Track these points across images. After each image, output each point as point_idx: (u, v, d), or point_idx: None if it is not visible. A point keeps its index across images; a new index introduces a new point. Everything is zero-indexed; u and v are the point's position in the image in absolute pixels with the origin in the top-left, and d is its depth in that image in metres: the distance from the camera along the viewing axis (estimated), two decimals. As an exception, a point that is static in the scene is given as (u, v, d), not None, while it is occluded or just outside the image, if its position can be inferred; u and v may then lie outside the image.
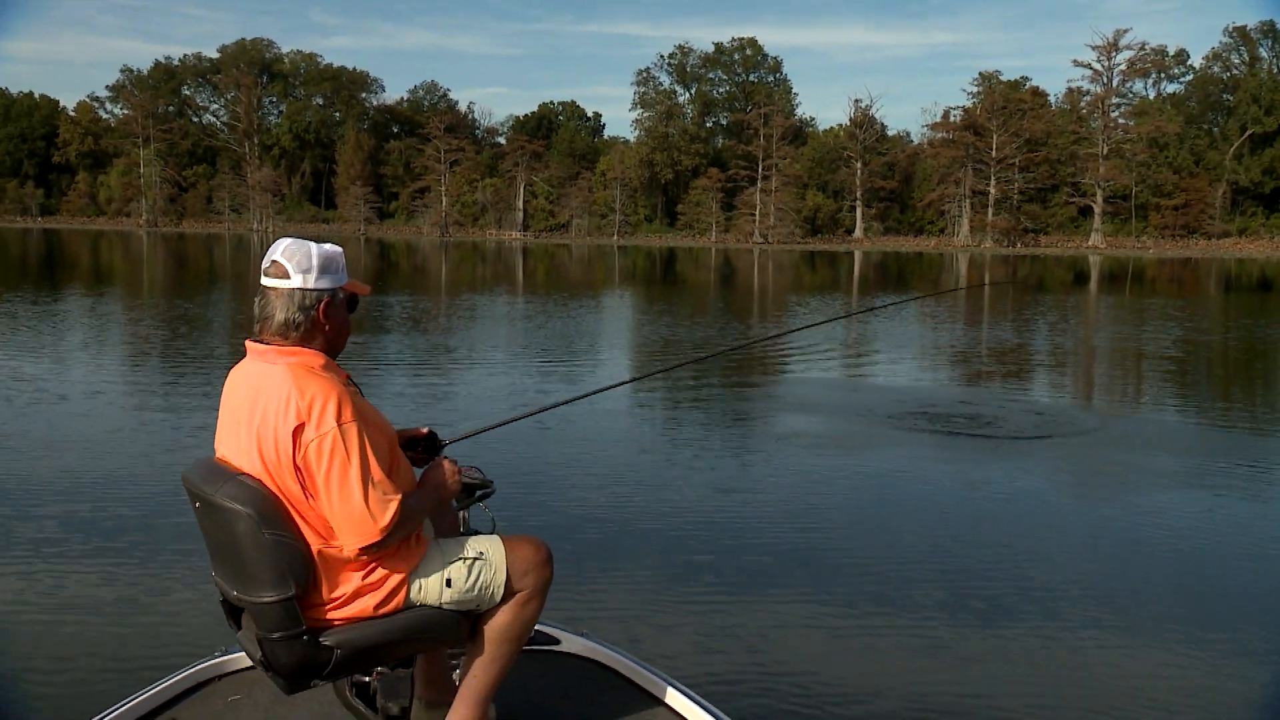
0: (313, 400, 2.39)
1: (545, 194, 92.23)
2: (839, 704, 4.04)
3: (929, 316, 22.88)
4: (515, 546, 2.68)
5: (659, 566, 5.49)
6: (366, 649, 2.51)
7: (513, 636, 2.66)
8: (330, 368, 2.54)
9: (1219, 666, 4.36)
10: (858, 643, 4.59)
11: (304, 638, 2.42)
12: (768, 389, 11.85)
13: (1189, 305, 27.92)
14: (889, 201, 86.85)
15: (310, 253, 2.55)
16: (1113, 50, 78.32)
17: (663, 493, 7.03)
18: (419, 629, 2.56)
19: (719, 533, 6.10)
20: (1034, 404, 11.40)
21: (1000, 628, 4.74)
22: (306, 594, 2.45)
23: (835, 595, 5.11)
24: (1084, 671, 4.30)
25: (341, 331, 2.61)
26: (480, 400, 10.77)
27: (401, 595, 2.54)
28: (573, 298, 27.58)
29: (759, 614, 4.89)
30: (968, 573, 5.46)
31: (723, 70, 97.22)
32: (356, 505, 2.39)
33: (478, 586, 2.61)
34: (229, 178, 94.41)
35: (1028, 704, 4.02)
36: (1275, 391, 13.43)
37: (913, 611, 4.90)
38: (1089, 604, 5.02)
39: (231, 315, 20.84)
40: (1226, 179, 78.74)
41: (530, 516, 6.13)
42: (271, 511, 2.39)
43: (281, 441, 2.39)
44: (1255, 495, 7.39)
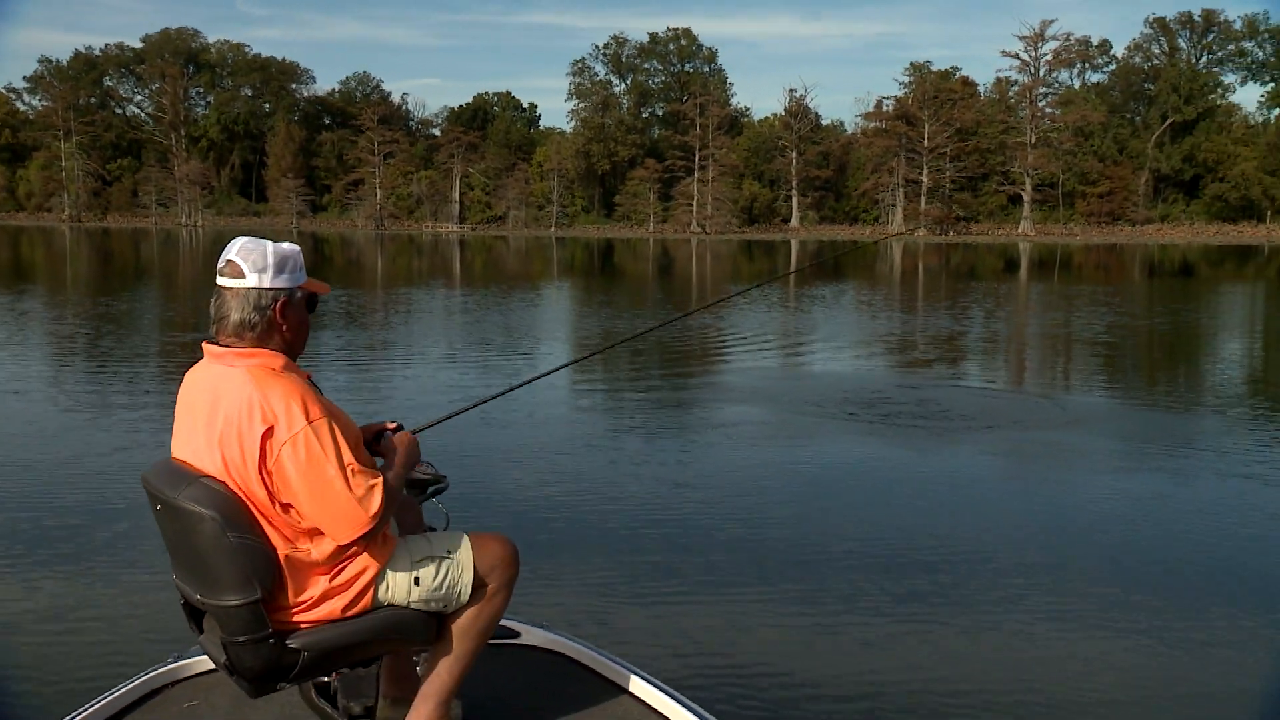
0: (278, 402, 2.36)
1: (481, 186, 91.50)
2: (794, 688, 4.09)
3: (865, 305, 23.17)
4: (482, 544, 2.67)
5: (609, 560, 5.49)
6: (334, 650, 2.47)
7: (478, 633, 2.64)
8: (290, 368, 2.49)
9: (1155, 643, 4.48)
10: (809, 629, 4.63)
11: (270, 640, 2.38)
12: (709, 379, 11.90)
13: (1117, 292, 28.64)
14: (824, 191, 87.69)
15: (266, 251, 2.50)
16: (1039, 41, 79.90)
17: (610, 488, 7.01)
18: (387, 629, 2.53)
19: (668, 526, 6.11)
20: (973, 391, 11.60)
21: (944, 612, 4.82)
22: (272, 597, 2.41)
23: (785, 584, 5.14)
24: (1027, 652, 4.39)
25: (300, 331, 2.56)
26: (422, 396, 10.66)
27: (369, 596, 2.51)
28: (512, 291, 27.42)
29: (712, 604, 4.92)
30: (910, 558, 5.54)
31: (658, 60, 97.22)
32: (343, 498, 2.37)
33: (445, 585, 2.59)
34: (155, 171, 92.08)
35: (975, 685, 4.09)
36: (1203, 374, 13.82)
37: (859, 598, 4.96)
38: (1031, 587, 5.13)
39: (159, 313, 20.35)
40: (1149, 167, 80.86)
41: (481, 513, 6.08)
42: (235, 514, 2.34)
43: (248, 446, 2.34)
44: (1185, 475, 7.59)
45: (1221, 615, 4.77)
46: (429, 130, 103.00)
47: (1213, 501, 6.81)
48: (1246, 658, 4.35)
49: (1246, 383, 12.92)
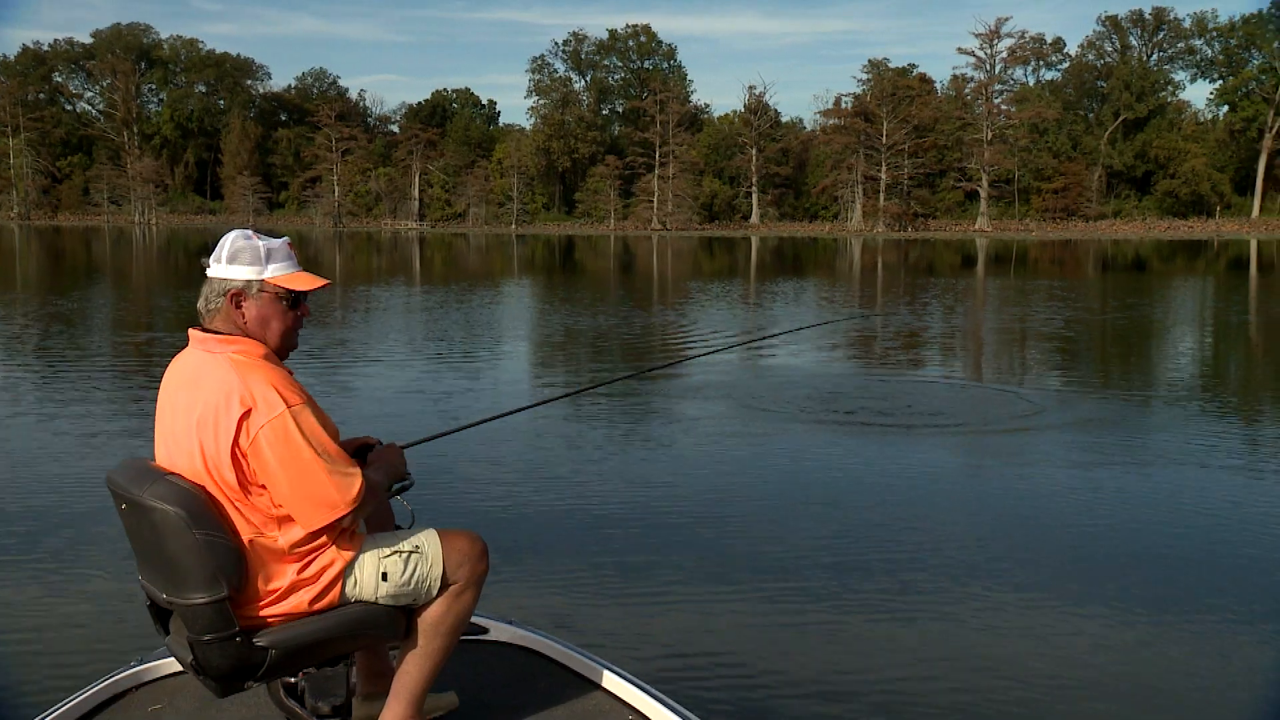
0: (257, 386, 2.38)
1: (441, 183, 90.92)
2: (762, 681, 4.09)
3: (827, 301, 23.30)
4: (451, 539, 2.66)
5: (575, 558, 5.47)
6: (301, 647, 2.46)
7: (447, 630, 2.62)
8: (272, 359, 2.52)
9: (1109, 629, 4.53)
10: (775, 624, 4.63)
11: (237, 639, 2.37)
12: (672, 376, 11.88)
13: (1072, 287, 29.04)
14: (784, 188, 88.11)
15: (226, 242, 2.55)
16: (995, 38, 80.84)
17: (575, 485, 6.98)
18: (355, 625, 2.52)
19: (633, 523, 6.10)
20: (935, 385, 11.70)
21: (911, 607, 4.85)
22: (240, 593, 2.40)
23: (752, 580, 5.15)
24: (993, 647, 4.43)
25: (264, 325, 2.54)
26: (383, 395, 10.55)
27: (337, 590, 2.51)
28: (473, 288, 27.26)
29: (679, 600, 4.91)
30: (875, 554, 5.57)
31: (618, 57, 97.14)
32: (320, 482, 2.39)
33: (413, 580, 2.57)
34: (107, 168, 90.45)
35: (942, 681, 4.12)
36: (1159, 367, 14.04)
37: (825, 594, 4.98)
38: (995, 582, 5.17)
39: (110, 312, 20.00)
40: (1102, 163, 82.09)
41: (445, 511, 6.01)
42: (201, 510, 2.34)
43: (223, 429, 2.36)
44: (1147, 467, 7.70)
45: (1187, 607, 4.84)
46: (387, 127, 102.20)
47: (1172, 492, 6.92)
48: (1211, 649, 4.42)
49: (1201, 375, 13.15)
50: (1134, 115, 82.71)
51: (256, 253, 2.54)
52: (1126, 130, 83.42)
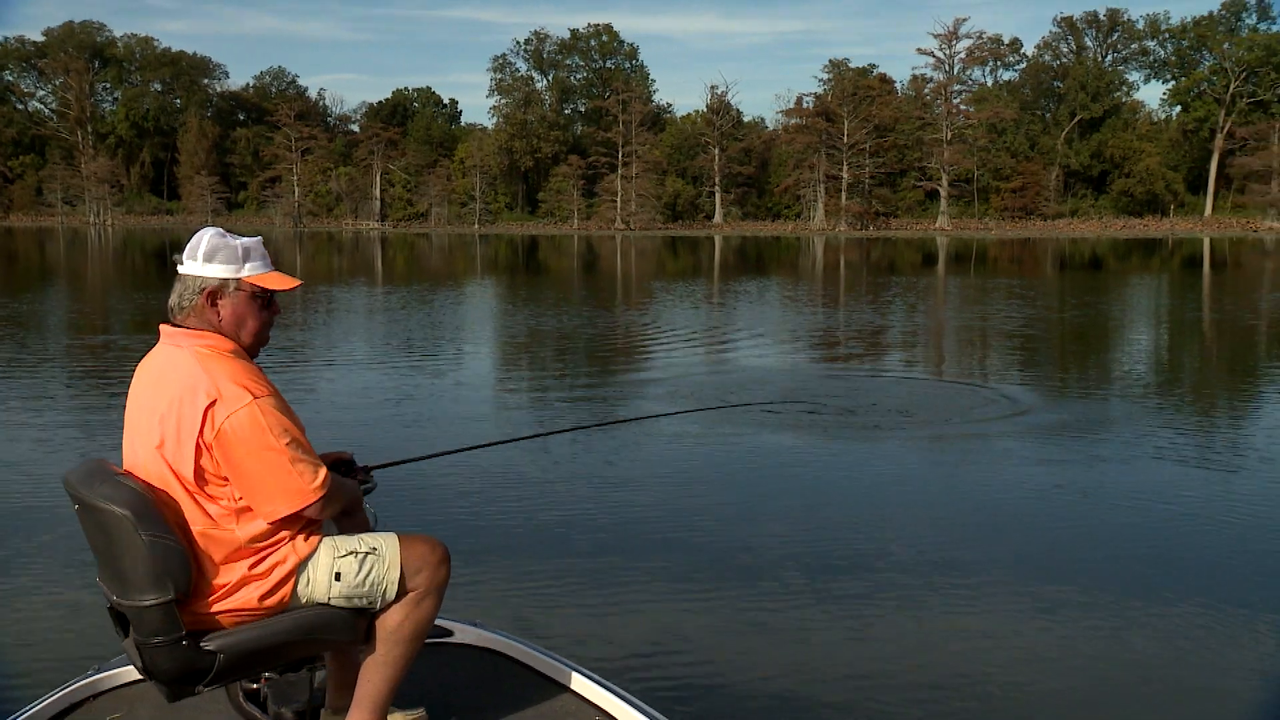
0: (223, 379, 2.40)
1: (402, 183, 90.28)
2: (728, 680, 4.11)
3: (790, 300, 23.42)
4: (410, 544, 2.63)
5: (540, 560, 5.45)
6: (252, 652, 2.43)
7: (407, 637, 2.59)
8: (240, 354, 2.53)
9: (1066, 627, 4.60)
10: (741, 624, 4.65)
11: (183, 642, 2.35)
12: (636, 376, 11.90)
13: (1032, 285, 29.39)
14: (747, 187, 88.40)
15: (202, 240, 2.56)
16: (953, 39, 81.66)
17: (539, 487, 6.96)
18: (307, 629, 2.48)
19: (597, 524, 6.09)
20: (899, 382, 11.79)
21: (876, 606, 4.88)
22: (188, 596, 2.39)
23: (716, 581, 5.16)
24: (956, 644, 4.47)
25: (240, 324, 2.57)
26: (343, 399, 10.46)
27: (288, 589, 2.48)
28: (435, 289, 27.10)
29: (644, 601, 4.92)
30: (840, 553, 5.60)
31: (580, 57, 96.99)
32: (287, 471, 2.40)
33: (368, 582, 2.54)
34: (60, 168, 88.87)
35: (907, 679, 4.15)
36: (1119, 364, 14.24)
37: (791, 594, 4.99)
38: (960, 580, 5.22)
39: (65, 314, 19.66)
40: (1059, 163, 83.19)
41: (408, 514, 5.97)
42: (149, 511, 2.33)
43: (187, 421, 2.37)
44: (1103, 462, 7.81)
45: (1151, 602, 4.91)
46: (348, 126, 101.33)
47: (1136, 487, 7.02)
48: (1176, 643, 4.49)
49: (1161, 372, 13.37)
50: (1090, 115, 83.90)
51: (234, 252, 2.56)
52: (1083, 130, 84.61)
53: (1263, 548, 5.73)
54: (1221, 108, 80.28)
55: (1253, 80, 78.98)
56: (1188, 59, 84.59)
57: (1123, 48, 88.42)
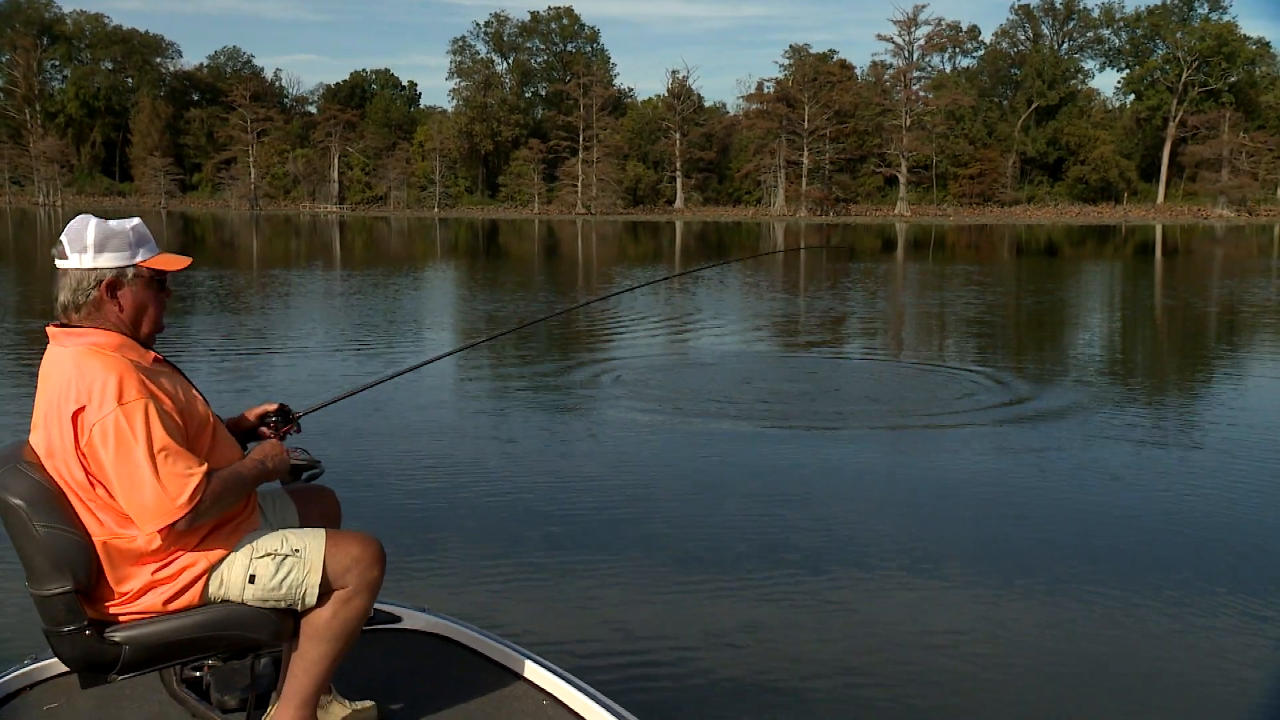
0: (94, 383, 2.31)
1: (361, 165, 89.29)
2: (679, 669, 4.11)
3: (751, 286, 23.48)
4: (339, 542, 2.55)
5: (493, 548, 5.41)
6: (161, 645, 2.40)
7: (333, 636, 2.53)
8: (127, 348, 2.43)
9: (1016, 609, 4.66)
10: (696, 610, 4.65)
11: (86, 632, 2.33)
12: (596, 366, 11.87)
13: (991, 271, 29.70)
14: (707, 172, 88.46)
15: (87, 230, 2.44)
16: (912, 25, 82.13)
17: (494, 476, 6.92)
18: (221, 625, 2.45)
19: (552, 514, 6.06)
20: (860, 371, 11.87)
21: (834, 595, 4.91)
22: (93, 587, 2.35)
23: (671, 571, 5.15)
24: (897, 619, 4.50)
25: (142, 311, 2.49)
26: (301, 385, 10.34)
27: (198, 591, 2.43)
28: (393, 273, 26.85)
29: (599, 589, 4.90)
30: (792, 537, 5.63)
31: (540, 40, 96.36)
32: (149, 486, 2.29)
33: (285, 584, 2.47)
34: (8, 147, 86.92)
35: (862, 670, 4.18)
36: (1077, 350, 14.43)
37: (747, 584, 5.00)
38: (902, 561, 5.27)
39: (9, 298, 19.24)
40: (1016, 149, 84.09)
41: (360, 501, 5.92)
42: (44, 502, 2.30)
43: (64, 426, 2.32)
44: (1060, 450, 7.91)
45: (1115, 593, 4.98)
46: (304, 108, 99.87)
47: (1098, 475, 7.12)
48: (1131, 633, 4.56)
49: (1118, 359, 13.56)
50: (1046, 103, 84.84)
51: (125, 238, 2.47)
52: (1039, 117, 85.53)
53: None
54: (1174, 96, 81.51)
55: (1204, 69, 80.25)
56: (1141, 48, 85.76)
57: (1078, 36, 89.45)
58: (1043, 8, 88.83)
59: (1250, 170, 76.18)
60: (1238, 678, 4.06)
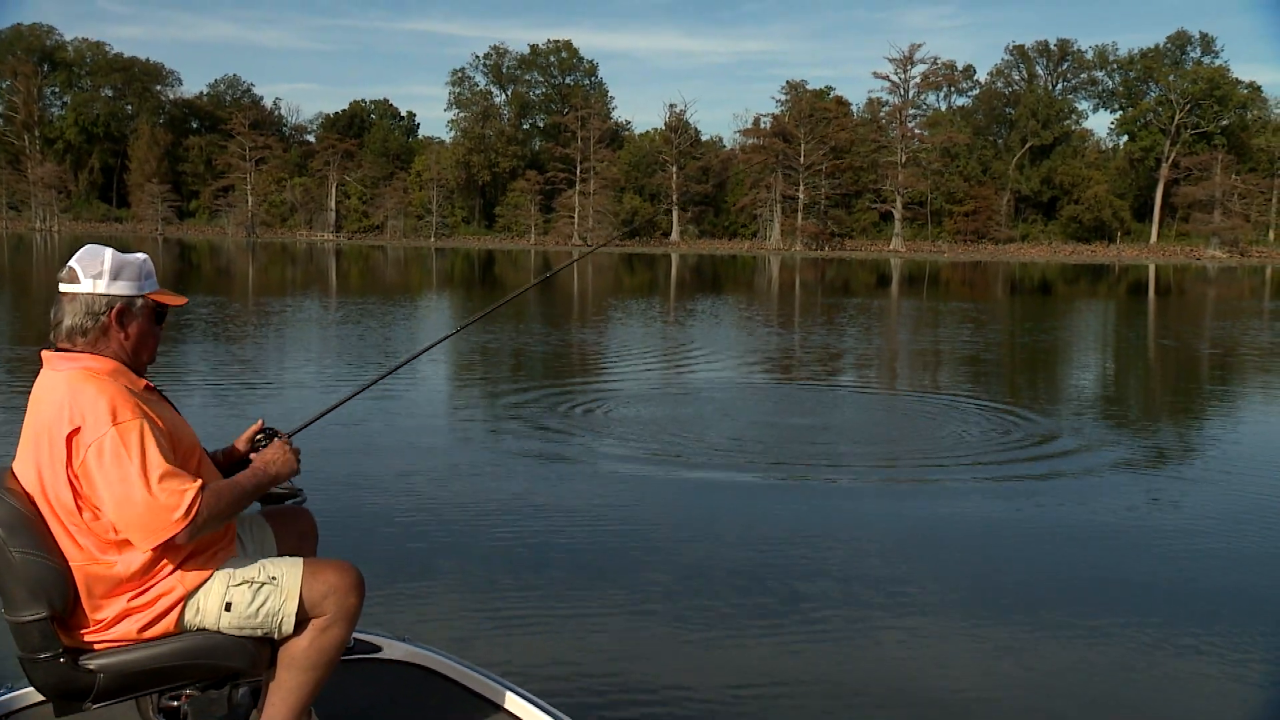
0: (88, 405, 2.33)
1: (358, 194, 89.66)
2: (661, 698, 4.07)
3: (745, 320, 23.51)
4: (317, 571, 2.53)
5: (474, 578, 5.36)
6: (136, 673, 2.38)
7: (311, 665, 2.51)
8: (120, 373, 2.45)
9: (1013, 643, 4.61)
10: (678, 644, 4.60)
11: (61, 659, 2.31)
12: (589, 394, 11.83)
13: (985, 309, 29.79)
14: (704, 205, 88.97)
15: (104, 258, 2.49)
16: (908, 63, 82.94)
17: (476, 503, 6.86)
18: (196, 654, 2.42)
19: (534, 541, 6.01)
20: (851, 406, 11.85)
21: (814, 626, 4.86)
22: (69, 614, 2.35)
23: (652, 602, 5.10)
24: (888, 652, 4.45)
25: (143, 341, 2.54)
26: (292, 415, 10.27)
27: (173, 618, 2.41)
28: (388, 303, 26.85)
29: (578, 617, 4.87)
30: (781, 571, 5.57)
31: (539, 72, 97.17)
32: (143, 501, 2.30)
33: (261, 613, 2.46)
34: (7, 173, 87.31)
35: (839, 687, 4.13)
36: (1071, 390, 14.43)
37: (730, 614, 4.95)
38: (893, 596, 5.22)
39: (8, 323, 19.18)
40: (1010, 188, 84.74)
41: (339, 529, 5.85)
42: (22, 527, 2.30)
43: (56, 448, 2.33)
44: (1044, 495, 7.87)
45: (1101, 629, 4.94)
46: (303, 136, 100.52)
47: (1089, 516, 7.08)
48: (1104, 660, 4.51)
49: (1109, 397, 13.55)
50: (1040, 142, 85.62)
51: (137, 269, 2.53)
52: (1033, 156, 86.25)
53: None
54: (1167, 138, 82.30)
55: (1196, 112, 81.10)
56: (1135, 90, 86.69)
57: (1072, 77, 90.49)
58: (1037, 49, 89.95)
59: (1242, 212, 76.81)
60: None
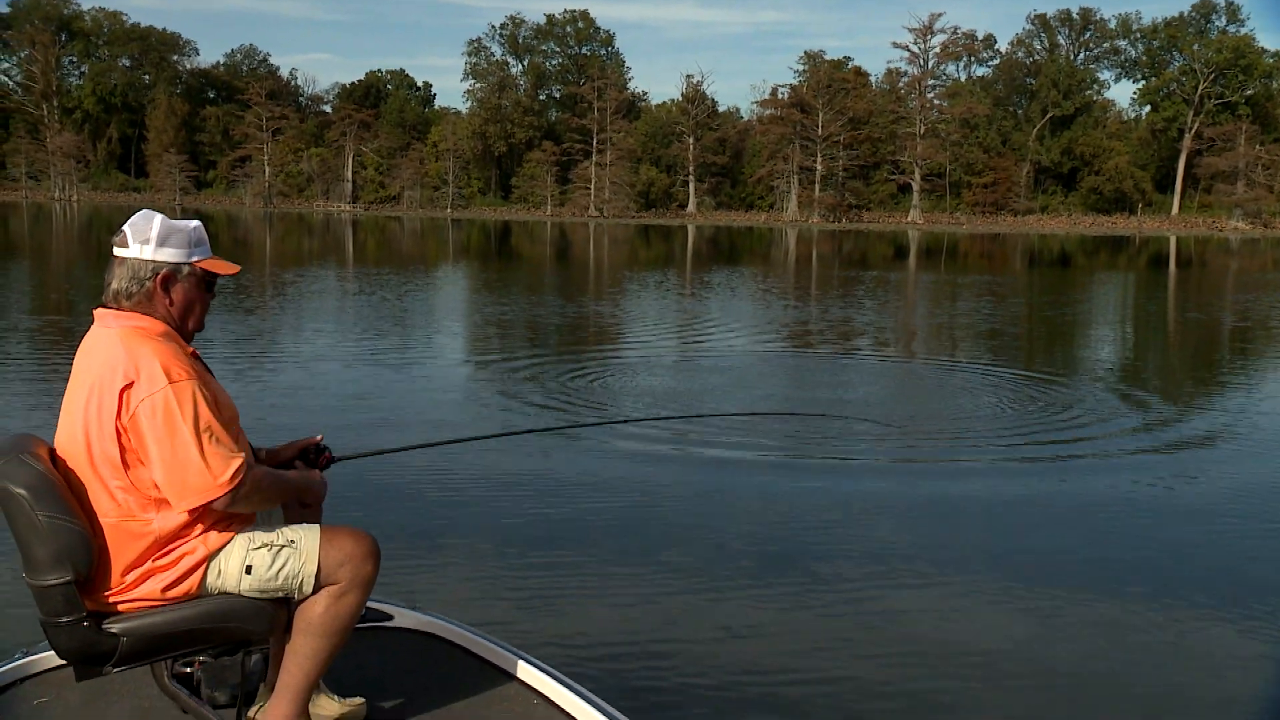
0: (143, 361, 2.37)
1: (375, 165, 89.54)
2: (672, 666, 4.11)
3: (763, 293, 23.45)
4: (333, 537, 2.57)
5: (491, 549, 5.41)
6: (158, 636, 2.42)
7: (328, 632, 2.55)
8: (170, 337, 2.50)
9: (1029, 617, 4.65)
10: (691, 613, 4.65)
11: (84, 623, 2.35)
12: (605, 370, 11.86)
13: (1004, 283, 29.58)
14: (720, 177, 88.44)
15: (153, 223, 2.54)
16: (928, 33, 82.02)
17: (489, 473, 6.87)
18: (217, 617, 2.46)
19: (547, 512, 6.06)
20: (862, 390, 11.84)
21: (824, 600, 4.90)
22: (92, 577, 2.38)
23: (664, 567, 5.16)
24: (903, 625, 4.49)
25: (190, 308, 2.59)
26: (304, 390, 10.36)
27: (196, 580, 2.46)
28: (404, 274, 26.91)
29: (590, 587, 4.93)
30: (795, 545, 5.61)
31: (555, 42, 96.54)
32: (194, 461, 2.35)
33: (282, 575, 2.50)
34: (25, 142, 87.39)
35: (848, 669, 4.18)
36: (1087, 361, 14.36)
37: (742, 583, 5.00)
38: (909, 569, 5.25)
39: (23, 290, 19.35)
40: (1030, 159, 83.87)
41: (356, 496, 5.91)
42: (48, 492, 2.33)
43: (106, 401, 2.36)
44: (1060, 471, 7.87)
45: (1102, 601, 4.96)
46: (320, 107, 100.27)
47: (1093, 491, 7.09)
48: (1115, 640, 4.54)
49: (1126, 369, 13.49)
50: (1061, 113, 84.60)
51: (185, 236, 2.57)
52: (1054, 127, 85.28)
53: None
54: (1190, 108, 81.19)
55: (1220, 82, 79.93)
56: (1158, 59, 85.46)
57: (1095, 46, 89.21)
58: (1059, 18, 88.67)
59: (1266, 183, 75.81)
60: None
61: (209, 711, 2.65)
